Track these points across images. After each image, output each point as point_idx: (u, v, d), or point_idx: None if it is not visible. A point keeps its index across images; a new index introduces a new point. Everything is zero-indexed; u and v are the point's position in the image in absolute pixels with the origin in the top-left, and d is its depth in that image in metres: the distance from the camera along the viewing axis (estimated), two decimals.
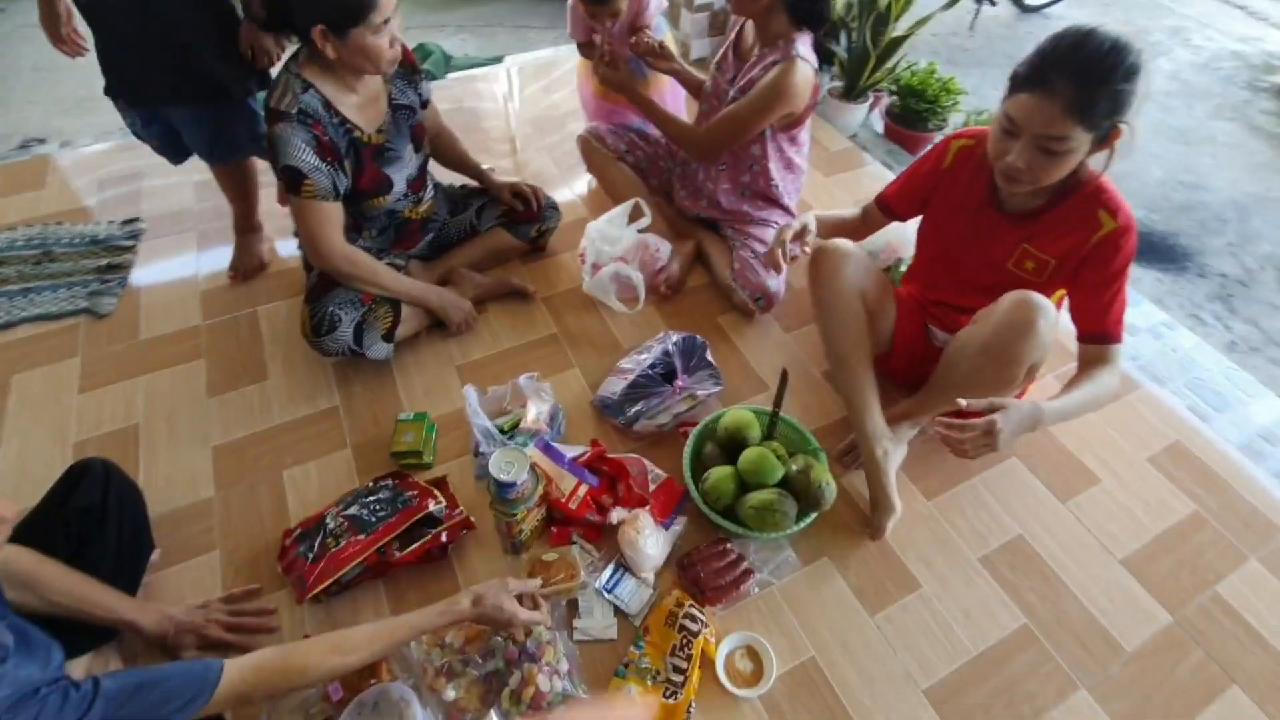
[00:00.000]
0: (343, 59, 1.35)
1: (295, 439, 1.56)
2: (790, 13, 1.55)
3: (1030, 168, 1.14)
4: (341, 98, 1.43)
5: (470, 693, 1.18)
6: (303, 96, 1.36)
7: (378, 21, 1.31)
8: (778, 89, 1.57)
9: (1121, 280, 1.25)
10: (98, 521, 1.20)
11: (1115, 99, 1.05)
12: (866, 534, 1.41)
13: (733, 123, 1.65)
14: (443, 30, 4.08)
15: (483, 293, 1.83)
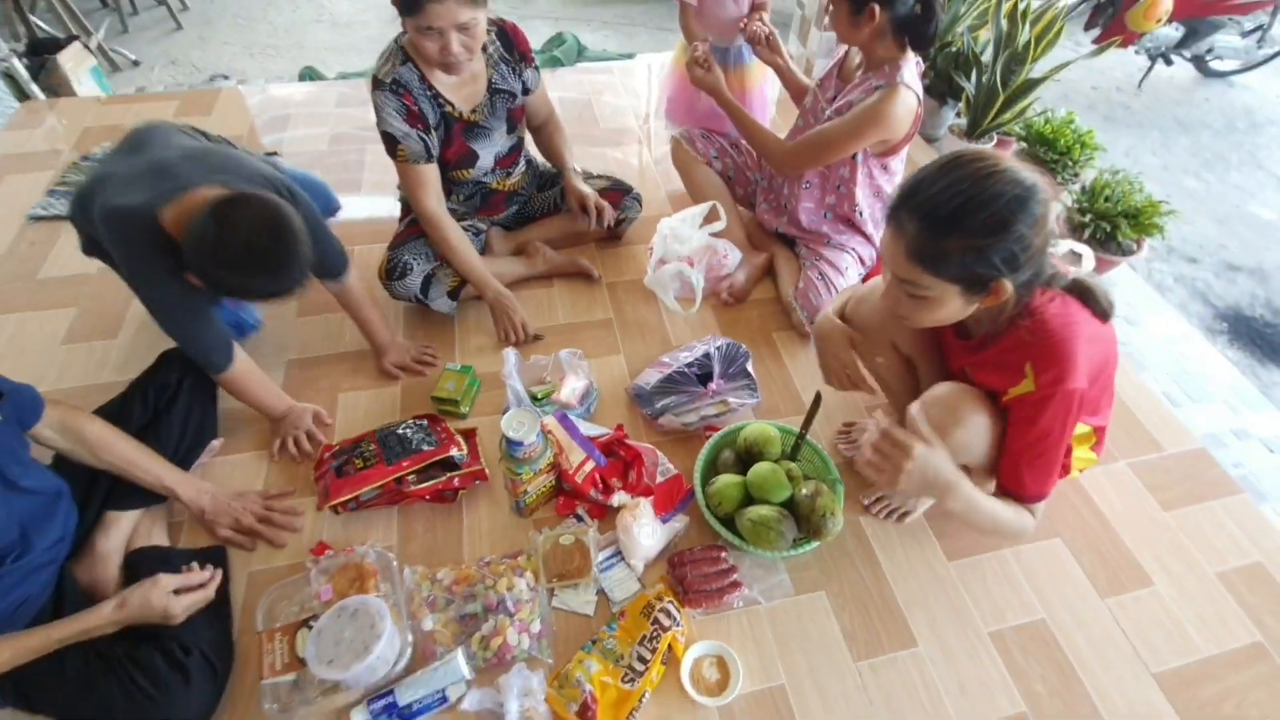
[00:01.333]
0: (414, 41, 1.44)
1: (355, 368, 1.70)
2: (897, 33, 1.50)
3: (899, 307, 1.04)
4: (439, 73, 1.52)
5: (446, 628, 1.24)
6: (400, 68, 1.48)
7: (423, 24, 1.35)
8: (875, 114, 1.53)
9: (1040, 447, 1.06)
10: (170, 400, 1.37)
11: (976, 253, 0.91)
12: None
13: (822, 142, 1.62)
14: (588, 24, 4.25)
15: (552, 268, 1.91)
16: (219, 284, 1.17)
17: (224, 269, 1.14)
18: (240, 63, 3.76)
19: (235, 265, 1.13)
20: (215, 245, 1.11)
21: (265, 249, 1.14)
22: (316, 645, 1.10)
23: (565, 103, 2.71)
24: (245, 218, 1.13)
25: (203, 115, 2.56)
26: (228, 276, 1.15)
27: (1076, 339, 1.00)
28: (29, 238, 2.02)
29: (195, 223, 1.13)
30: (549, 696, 1.16)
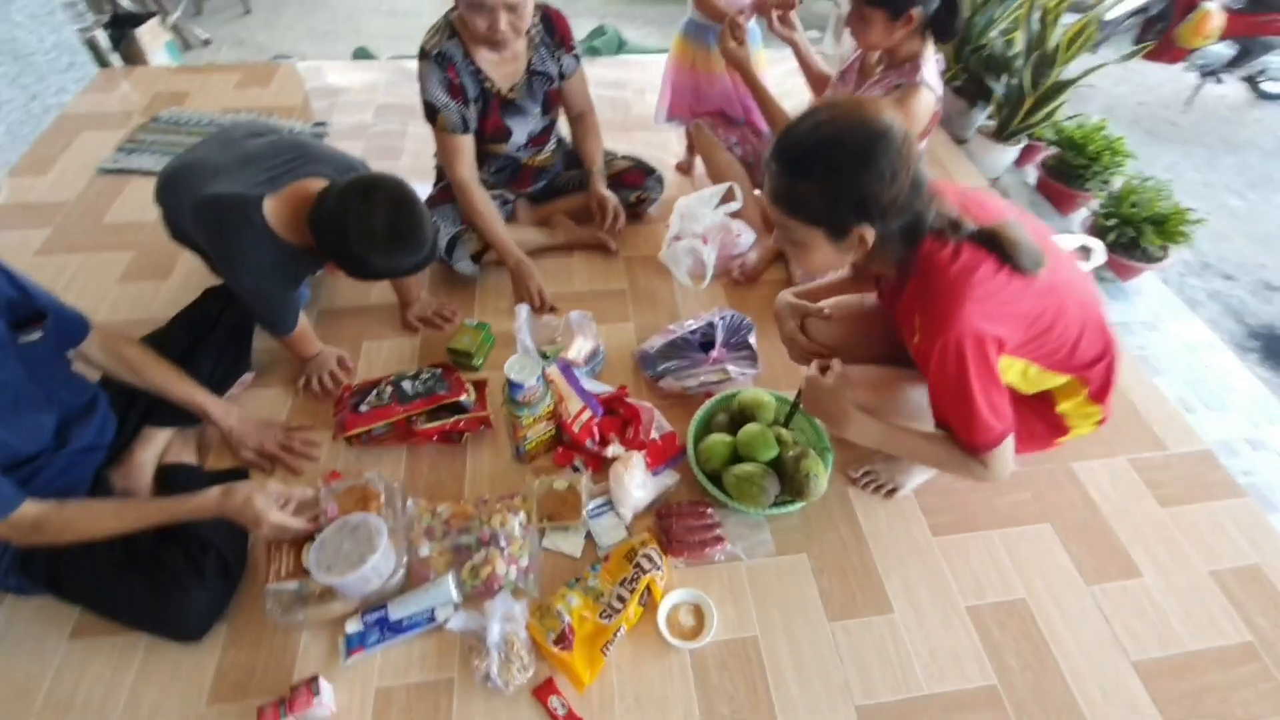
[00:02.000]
0: (464, 17, 1.53)
1: (380, 319, 1.80)
2: (921, 31, 1.53)
3: (789, 251, 1.08)
4: (482, 51, 1.61)
5: (441, 556, 1.32)
6: (447, 42, 1.58)
7: (475, 1, 1.44)
8: None
9: (950, 397, 1.05)
10: (208, 331, 1.49)
11: (827, 197, 0.94)
12: None
13: None
14: (632, 21, 4.35)
15: (573, 239, 1.99)
16: (367, 266, 1.26)
17: (372, 251, 1.23)
18: (302, 46, 3.97)
19: (383, 247, 1.23)
20: (360, 231, 1.21)
21: (407, 227, 1.24)
22: (318, 554, 1.19)
23: (601, 88, 2.80)
24: (381, 201, 1.22)
25: (261, 87, 2.73)
26: (376, 259, 1.24)
27: (963, 288, 0.97)
28: (97, 188, 2.20)
29: (328, 213, 1.23)
30: (530, 625, 1.23)
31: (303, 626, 1.24)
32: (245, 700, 1.16)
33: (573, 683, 1.18)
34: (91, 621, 1.23)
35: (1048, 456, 1.55)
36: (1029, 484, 1.52)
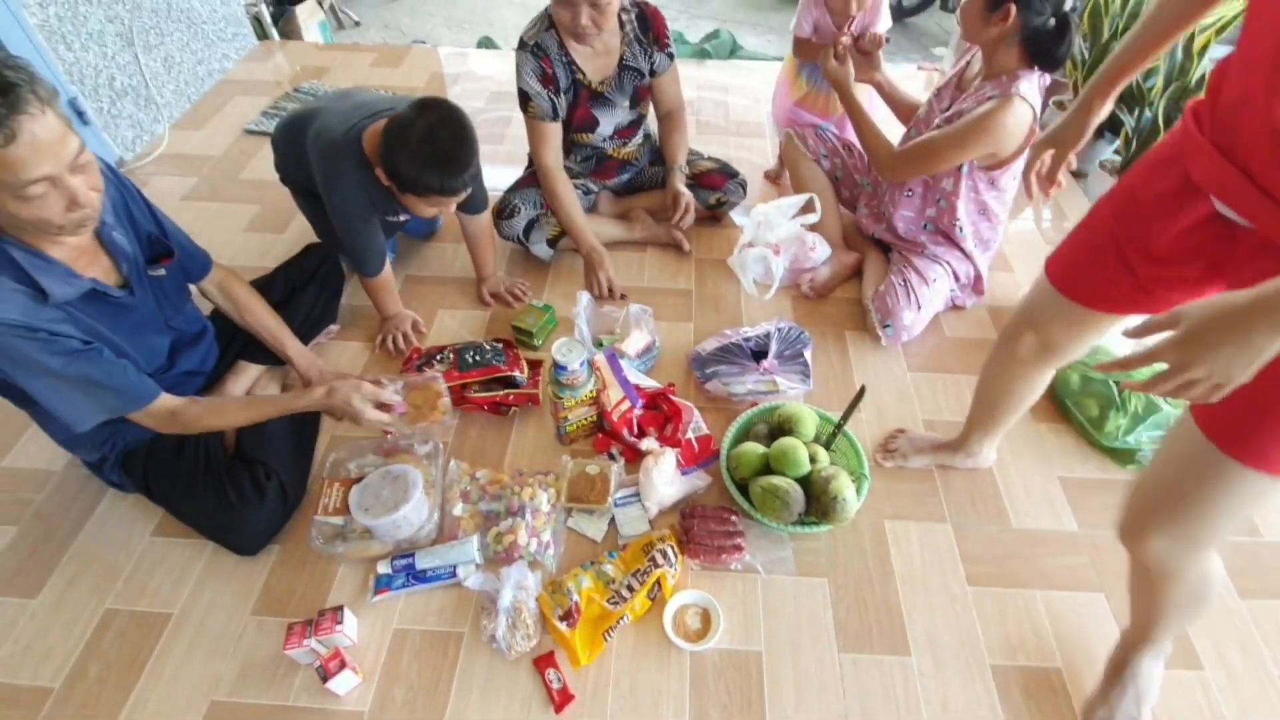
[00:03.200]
0: (554, 9, 1.59)
1: (457, 291, 1.92)
2: (1024, 46, 1.45)
3: None
4: (576, 44, 1.67)
5: (471, 518, 1.40)
6: (544, 34, 1.65)
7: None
8: (984, 125, 1.48)
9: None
10: (305, 282, 1.64)
11: None
12: None
13: (927, 150, 1.59)
14: (754, 28, 4.33)
15: (649, 236, 2.03)
16: (399, 172, 1.36)
17: (405, 156, 1.33)
18: (438, 32, 4.25)
19: (417, 154, 1.33)
20: (401, 135, 1.33)
21: (446, 140, 1.34)
22: (360, 495, 1.29)
23: (705, 89, 2.83)
24: (435, 115, 1.34)
25: (392, 68, 2.95)
26: (406, 165, 1.34)
27: None
28: (240, 146, 2.46)
29: (393, 117, 1.36)
30: (540, 597, 1.28)
31: (341, 560, 1.35)
32: (281, 616, 1.28)
33: (570, 660, 1.22)
34: (171, 523, 1.40)
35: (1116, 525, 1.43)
36: (1088, 548, 1.41)
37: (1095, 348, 1.61)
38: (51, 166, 0.94)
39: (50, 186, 0.95)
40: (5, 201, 0.95)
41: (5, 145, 0.88)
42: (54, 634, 1.27)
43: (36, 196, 0.95)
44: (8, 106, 0.87)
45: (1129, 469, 1.53)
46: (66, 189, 0.97)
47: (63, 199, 0.98)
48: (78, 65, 2.16)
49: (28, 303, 1.04)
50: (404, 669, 1.22)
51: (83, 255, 1.14)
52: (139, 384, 1.18)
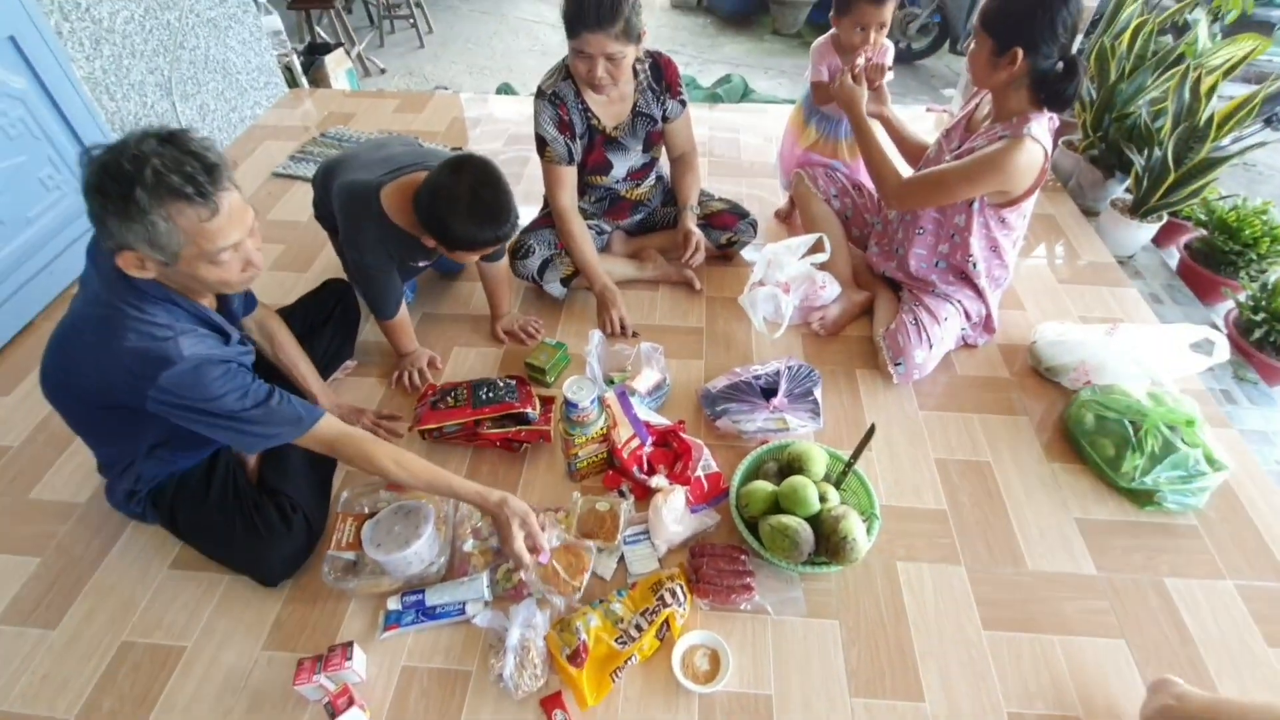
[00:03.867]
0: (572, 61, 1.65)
1: (472, 329, 1.96)
2: (1033, 87, 1.48)
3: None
4: (590, 91, 1.73)
5: (481, 555, 1.40)
6: (561, 83, 1.72)
7: (578, 48, 1.56)
8: (994, 162, 1.50)
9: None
10: (323, 321, 1.69)
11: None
12: None
13: (936, 181, 1.61)
14: (766, 72, 4.45)
15: (661, 275, 2.07)
16: (449, 231, 1.41)
17: (454, 216, 1.39)
18: (460, 78, 4.41)
19: (465, 213, 1.38)
20: (448, 200, 1.38)
21: (490, 197, 1.40)
22: (372, 530, 1.31)
23: (718, 130, 2.90)
24: (476, 174, 1.40)
25: (415, 113, 3.06)
26: (457, 224, 1.39)
27: None
28: (268, 188, 2.56)
29: (426, 185, 1.42)
30: (548, 635, 1.27)
31: (352, 595, 1.36)
32: (292, 651, 1.29)
33: (578, 701, 1.21)
34: (189, 557, 1.43)
35: (1136, 566, 1.40)
36: (1109, 592, 1.37)
37: (1111, 386, 1.62)
38: (239, 234, 1.04)
39: (234, 252, 1.05)
40: (197, 267, 1.04)
41: (210, 219, 0.99)
42: (71, 665, 1.29)
43: (225, 261, 1.05)
44: (213, 184, 0.98)
45: (1147, 510, 1.50)
46: (244, 252, 1.08)
47: (240, 261, 1.08)
48: (119, 114, 2.28)
49: (216, 343, 1.15)
50: (411, 708, 1.22)
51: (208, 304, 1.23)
52: (304, 409, 1.22)
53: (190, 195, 0.96)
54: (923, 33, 4.50)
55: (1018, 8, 1.42)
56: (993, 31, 1.45)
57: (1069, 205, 2.45)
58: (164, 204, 0.96)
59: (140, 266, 1.03)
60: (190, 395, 1.10)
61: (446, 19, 5.22)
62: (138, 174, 0.94)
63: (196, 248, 1.01)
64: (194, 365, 1.09)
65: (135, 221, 0.96)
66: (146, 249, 1.00)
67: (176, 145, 0.98)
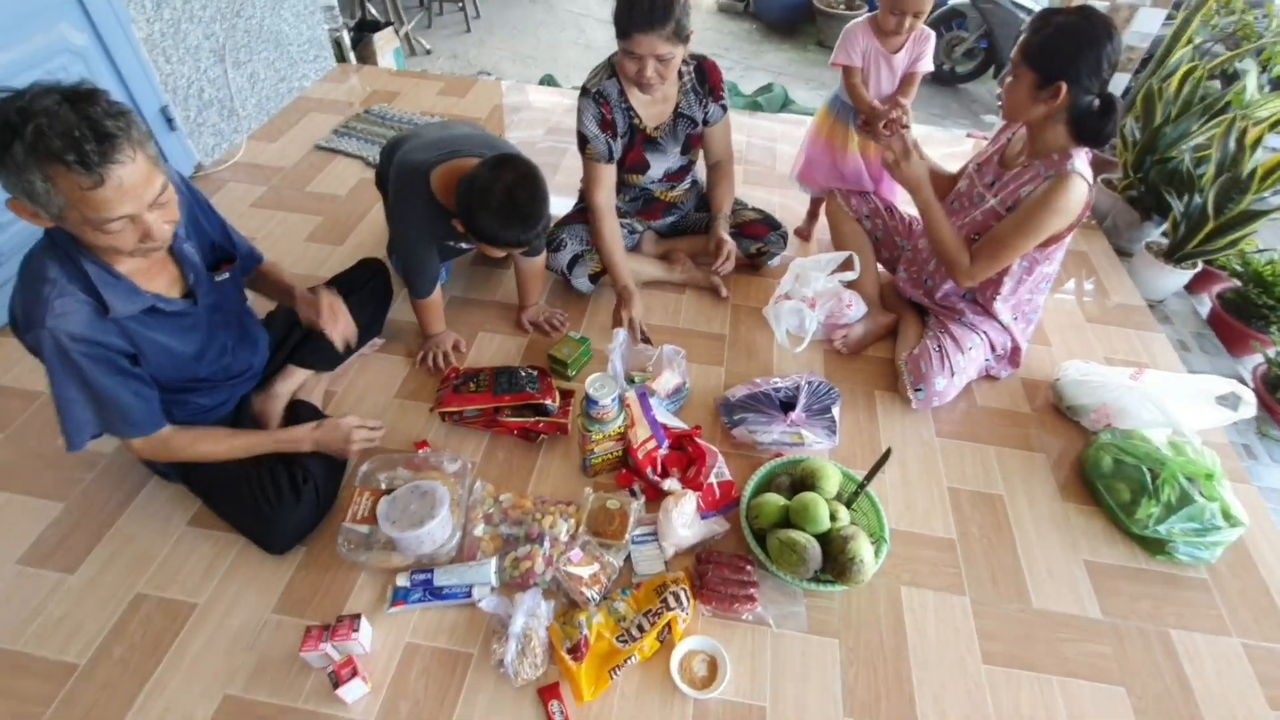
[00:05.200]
0: (620, 60, 1.67)
1: (499, 316, 1.99)
2: (1070, 125, 1.47)
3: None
4: (635, 90, 1.75)
5: (491, 541, 1.42)
6: (605, 82, 1.74)
7: (628, 48, 1.58)
8: (1049, 206, 1.48)
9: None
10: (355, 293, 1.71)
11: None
12: None
13: (1000, 246, 1.57)
14: (807, 83, 4.43)
15: (688, 278, 2.08)
16: (476, 224, 1.44)
17: (484, 211, 1.42)
18: (504, 65, 4.44)
19: (495, 210, 1.41)
20: (482, 193, 1.41)
21: (524, 199, 1.42)
22: (388, 507, 1.34)
23: (755, 137, 2.90)
24: (516, 174, 1.42)
25: (458, 97, 3.09)
26: (485, 219, 1.42)
27: None
28: (309, 160, 2.60)
29: (467, 176, 1.44)
30: (551, 626, 1.29)
31: (363, 568, 1.39)
32: (300, 617, 1.32)
33: (575, 694, 1.23)
34: (206, 515, 1.46)
35: (1142, 614, 1.40)
36: (1112, 638, 1.37)
37: (1131, 431, 1.61)
38: (132, 207, 1.01)
39: (129, 223, 1.03)
40: (84, 230, 1.03)
41: (93, 189, 0.96)
42: (86, 611, 1.32)
43: (115, 231, 1.03)
44: (100, 155, 0.94)
45: (1158, 559, 1.49)
46: (142, 224, 1.04)
47: (137, 232, 1.05)
48: (173, 76, 2.32)
49: (91, 315, 1.12)
50: (412, 684, 1.24)
51: (151, 267, 1.22)
52: (151, 415, 1.25)
53: (70, 162, 0.93)
54: (968, 57, 4.46)
55: (1063, 42, 1.40)
56: (1036, 65, 1.43)
57: (1103, 244, 2.43)
58: (41, 164, 0.93)
59: (33, 216, 1.01)
60: (46, 359, 1.12)
61: (495, 5, 5.25)
62: (19, 127, 0.91)
63: (79, 213, 0.99)
64: (51, 337, 1.09)
65: (13, 174, 0.94)
66: (27, 201, 0.98)
67: (76, 108, 0.94)
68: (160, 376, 1.27)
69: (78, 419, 1.19)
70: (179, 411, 1.36)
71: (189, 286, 1.29)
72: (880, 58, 1.90)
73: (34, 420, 1.65)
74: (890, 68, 1.91)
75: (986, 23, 4.22)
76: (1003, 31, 4.18)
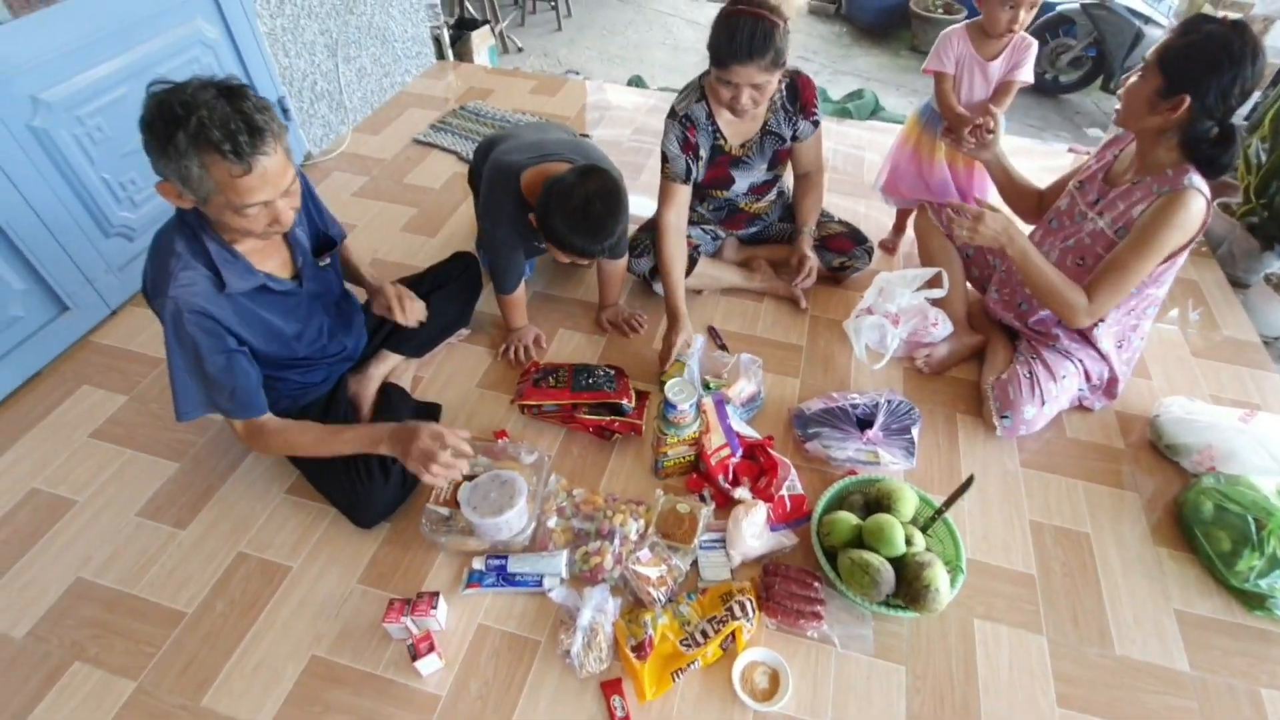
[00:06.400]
0: (712, 84, 1.67)
1: (579, 314, 2.04)
2: (1183, 147, 1.38)
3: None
4: (723, 111, 1.74)
5: (563, 533, 1.47)
6: (694, 105, 1.74)
7: (725, 78, 1.57)
8: (1167, 222, 1.38)
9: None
10: (437, 287, 1.78)
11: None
12: None
13: (1120, 273, 1.46)
14: (897, 89, 4.32)
15: (768, 287, 2.07)
16: (551, 228, 1.49)
17: (559, 217, 1.47)
18: (592, 65, 4.51)
19: (570, 218, 1.46)
20: (562, 196, 1.46)
21: (599, 212, 1.46)
22: (470, 493, 1.40)
23: (843, 145, 2.85)
24: (597, 186, 1.47)
25: (549, 95, 3.17)
26: (559, 224, 1.47)
27: None
28: (407, 154, 2.72)
29: (559, 175, 1.49)
30: (617, 623, 1.32)
31: (442, 549, 1.45)
32: (383, 589, 1.40)
33: (636, 692, 1.25)
34: (302, 485, 1.56)
35: (1235, 671, 1.31)
36: (1199, 693, 1.29)
37: (1238, 477, 1.51)
38: (269, 194, 1.12)
39: (263, 208, 1.13)
40: (223, 212, 1.13)
41: (241, 176, 1.06)
42: (194, 565, 1.44)
43: (251, 215, 1.13)
44: (251, 146, 1.05)
45: (1256, 615, 1.40)
46: (274, 210, 1.15)
47: (268, 217, 1.16)
48: (290, 70, 2.48)
49: (209, 288, 1.22)
50: (482, 664, 1.30)
51: (266, 248, 1.32)
52: (254, 397, 1.32)
53: (226, 151, 1.03)
54: (1074, 65, 4.23)
55: (1203, 55, 1.30)
56: (1166, 69, 1.34)
57: (1216, 273, 2.27)
58: (200, 152, 1.03)
59: (178, 197, 1.11)
60: (165, 325, 1.21)
61: (587, 4, 5.33)
62: (184, 119, 1.01)
63: (224, 198, 1.08)
64: (173, 307, 1.18)
65: (172, 160, 1.04)
66: (180, 185, 1.08)
67: (230, 101, 1.04)
68: (263, 353, 1.36)
69: (189, 390, 1.29)
70: (281, 388, 1.47)
71: (296, 269, 1.39)
72: (975, 65, 1.84)
73: (154, 385, 1.81)
74: (985, 76, 1.85)
75: (1097, 30, 3.99)
76: (1114, 40, 3.94)
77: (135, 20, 1.87)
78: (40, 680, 1.27)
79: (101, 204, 1.89)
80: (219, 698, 1.25)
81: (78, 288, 1.87)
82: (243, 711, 1.24)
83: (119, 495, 1.56)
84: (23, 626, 1.34)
